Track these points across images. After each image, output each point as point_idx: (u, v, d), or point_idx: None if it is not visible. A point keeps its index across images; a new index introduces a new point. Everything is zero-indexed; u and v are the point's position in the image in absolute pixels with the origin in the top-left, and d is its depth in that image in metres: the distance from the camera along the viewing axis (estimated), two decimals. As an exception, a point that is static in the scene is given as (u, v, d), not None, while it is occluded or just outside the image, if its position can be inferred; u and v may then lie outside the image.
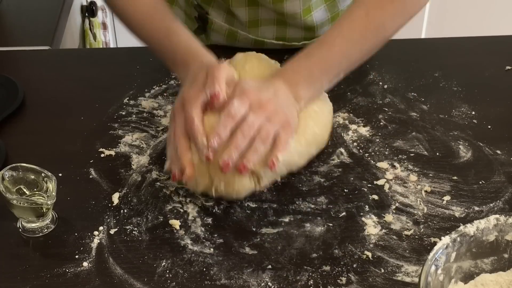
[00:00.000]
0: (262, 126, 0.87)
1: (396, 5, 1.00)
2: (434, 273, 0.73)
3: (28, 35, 1.58)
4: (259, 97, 0.89)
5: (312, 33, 1.20)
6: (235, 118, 0.87)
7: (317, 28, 1.19)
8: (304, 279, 0.82)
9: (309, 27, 1.18)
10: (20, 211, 0.87)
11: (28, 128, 1.07)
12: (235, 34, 1.20)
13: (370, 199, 0.93)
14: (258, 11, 1.16)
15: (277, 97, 0.90)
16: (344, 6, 1.20)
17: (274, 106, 0.89)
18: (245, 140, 0.86)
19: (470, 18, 2.51)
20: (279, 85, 0.92)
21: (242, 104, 0.87)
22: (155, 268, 0.84)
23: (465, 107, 1.09)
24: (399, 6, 1.00)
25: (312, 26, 1.18)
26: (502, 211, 0.91)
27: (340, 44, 0.97)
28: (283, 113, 0.89)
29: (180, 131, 0.89)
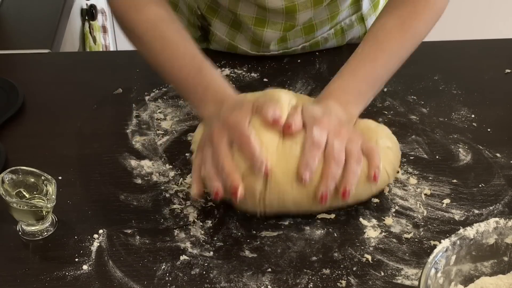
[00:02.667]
0: (350, 148, 0.86)
1: (428, 12, 1.03)
2: (434, 276, 0.73)
3: (28, 38, 1.58)
4: (333, 123, 0.87)
5: (312, 35, 1.20)
6: (321, 147, 0.85)
7: (316, 29, 1.19)
8: (304, 282, 0.82)
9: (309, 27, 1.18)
10: (20, 214, 0.87)
11: (28, 131, 1.07)
12: (235, 48, 1.20)
13: (370, 202, 0.93)
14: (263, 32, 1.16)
15: (340, 119, 0.90)
16: (345, 6, 1.19)
17: (347, 128, 0.89)
18: (339, 168, 0.85)
19: (469, 21, 2.51)
20: (334, 106, 0.91)
21: (322, 131, 0.86)
22: (155, 271, 0.84)
23: (464, 110, 1.09)
24: (431, 13, 1.04)
25: (311, 26, 1.18)
26: (502, 214, 0.91)
27: (382, 57, 0.99)
28: (355, 133, 0.89)
29: (224, 150, 0.85)
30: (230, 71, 1.17)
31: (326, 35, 1.21)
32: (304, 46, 1.20)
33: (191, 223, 0.90)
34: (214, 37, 1.21)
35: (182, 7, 1.25)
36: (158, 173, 0.98)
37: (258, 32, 1.16)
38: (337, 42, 1.23)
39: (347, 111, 0.92)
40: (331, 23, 1.20)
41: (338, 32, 1.22)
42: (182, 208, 0.92)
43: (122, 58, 1.28)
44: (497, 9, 2.49)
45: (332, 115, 0.89)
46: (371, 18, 1.24)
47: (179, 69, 0.99)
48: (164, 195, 0.94)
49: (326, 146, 0.86)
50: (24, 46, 1.54)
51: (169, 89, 1.14)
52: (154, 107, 1.10)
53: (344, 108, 0.92)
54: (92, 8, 2.02)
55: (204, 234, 0.89)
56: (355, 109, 0.95)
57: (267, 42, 1.18)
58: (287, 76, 1.17)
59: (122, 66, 1.21)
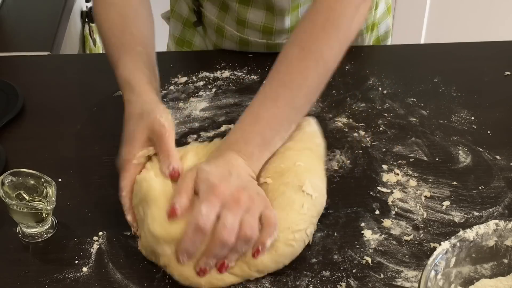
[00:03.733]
0: (243, 222, 0.78)
1: (328, 30, 0.91)
2: (434, 278, 0.73)
3: (28, 41, 1.58)
4: (229, 192, 0.79)
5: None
6: (205, 231, 0.77)
7: None
8: (303, 284, 0.82)
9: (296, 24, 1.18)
10: (19, 216, 0.86)
11: (28, 133, 1.07)
12: (222, 30, 1.21)
13: (370, 204, 0.93)
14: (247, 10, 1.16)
15: (243, 181, 0.82)
16: None
17: (247, 193, 0.80)
18: (225, 248, 0.78)
19: (469, 23, 2.51)
20: (236, 163, 0.84)
21: (212, 208, 0.78)
22: (155, 274, 0.84)
23: (464, 113, 1.09)
24: (332, 31, 0.92)
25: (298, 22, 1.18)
26: (501, 216, 0.91)
27: (285, 95, 0.89)
28: (257, 196, 0.81)
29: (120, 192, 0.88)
30: (230, 73, 1.18)
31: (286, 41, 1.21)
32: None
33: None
34: (205, 19, 1.22)
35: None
36: (158, 175, 0.98)
37: (243, 10, 1.16)
38: None
39: (251, 165, 0.85)
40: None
41: None
42: (182, 210, 0.92)
43: (122, 60, 1.28)
44: (497, 12, 2.50)
45: (231, 177, 0.81)
46: None
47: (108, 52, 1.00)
48: (164, 197, 0.94)
49: (218, 221, 0.78)
50: (24, 48, 1.54)
51: (168, 91, 1.14)
52: (154, 109, 1.10)
53: (248, 162, 0.85)
54: (92, 10, 2.02)
55: (204, 236, 0.88)
56: (260, 160, 0.87)
57: (251, 22, 1.18)
58: (287, 78, 1.17)
59: (122, 68, 1.21)
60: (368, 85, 1.15)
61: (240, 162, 0.84)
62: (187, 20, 1.27)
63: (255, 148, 0.86)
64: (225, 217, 0.78)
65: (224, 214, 0.78)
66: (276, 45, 1.21)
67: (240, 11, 1.17)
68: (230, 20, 1.20)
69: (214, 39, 1.24)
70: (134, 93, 0.92)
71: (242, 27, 1.19)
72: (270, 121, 0.88)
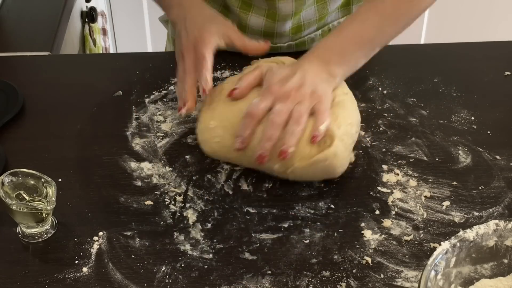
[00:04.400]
0: (293, 109, 0.87)
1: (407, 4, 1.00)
2: (434, 278, 0.73)
3: (28, 41, 1.58)
4: (284, 90, 0.88)
5: (299, 35, 1.20)
6: (255, 117, 0.88)
7: (304, 28, 1.19)
8: (303, 284, 0.82)
9: (297, 27, 1.19)
10: (19, 216, 0.87)
11: (28, 133, 1.07)
12: None
13: (370, 204, 0.93)
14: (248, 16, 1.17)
15: (304, 81, 0.89)
16: (334, 8, 1.20)
17: (302, 91, 0.88)
18: (276, 129, 0.87)
19: (469, 24, 2.51)
20: (309, 66, 0.91)
21: (262, 101, 0.89)
22: (155, 274, 0.84)
23: (464, 113, 1.09)
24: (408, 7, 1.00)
25: (299, 26, 1.18)
26: (501, 216, 0.91)
27: (373, 18, 0.96)
28: (313, 93, 0.89)
29: (190, 68, 0.95)
30: (230, 73, 1.17)
31: (313, 36, 1.21)
32: (290, 44, 1.21)
33: (191, 225, 0.90)
34: None
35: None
36: (158, 175, 0.98)
37: (243, 16, 1.17)
38: None
39: (327, 69, 0.91)
40: (318, 24, 1.20)
41: (325, 33, 1.22)
42: (182, 210, 0.92)
43: (122, 60, 1.28)
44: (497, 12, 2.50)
45: (294, 77, 0.89)
46: None
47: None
48: (164, 197, 0.94)
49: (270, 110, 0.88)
50: (24, 49, 1.54)
51: (168, 91, 1.14)
52: (154, 109, 1.10)
53: (324, 67, 0.91)
54: (92, 10, 2.02)
55: (204, 236, 0.89)
56: (337, 68, 0.93)
57: (252, 27, 1.18)
58: (287, 78, 1.17)
59: (122, 69, 1.21)
60: (368, 85, 1.15)
61: (313, 65, 0.90)
62: None
63: (333, 56, 0.93)
64: (274, 106, 0.88)
65: (274, 104, 0.88)
66: (277, 48, 1.21)
67: (241, 16, 1.17)
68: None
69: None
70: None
71: (243, 32, 1.19)
72: (354, 36, 0.95)
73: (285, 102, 0.88)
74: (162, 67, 1.20)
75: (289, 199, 0.94)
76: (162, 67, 1.05)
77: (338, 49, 0.94)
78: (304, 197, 0.94)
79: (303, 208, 0.93)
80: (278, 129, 0.87)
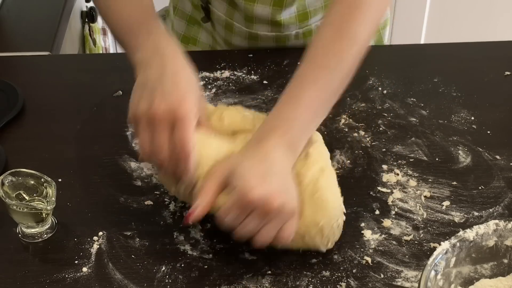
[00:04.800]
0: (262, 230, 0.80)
1: (361, 10, 0.91)
2: (434, 278, 0.73)
3: (28, 41, 1.58)
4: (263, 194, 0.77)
5: (305, 23, 1.20)
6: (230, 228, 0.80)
7: (310, 16, 1.20)
8: (303, 284, 0.82)
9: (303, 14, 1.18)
10: (19, 216, 0.87)
11: (28, 133, 1.07)
12: (232, 26, 1.21)
13: (370, 204, 0.93)
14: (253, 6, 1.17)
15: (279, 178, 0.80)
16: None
17: (279, 200, 0.78)
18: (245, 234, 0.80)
19: (469, 24, 2.51)
20: (275, 154, 0.82)
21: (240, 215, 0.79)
22: (155, 274, 0.84)
23: (464, 113, 1.09)
24: (365, 11, 0.91)
25: (305, 13, 1.18)
26: (501, 216, 0.91)
27: (322, 77, 0.88)
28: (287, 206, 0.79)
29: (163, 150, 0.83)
30: (230, 73, 1.17)
31: (319, 23, 1.21)
32: (298, 32, 1.21)
33: (191, 225, 0.90)
34: (214, 15, 1.23)
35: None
36: (158, 175, 0.98)
37: (249, 7, 1.17)
38: None
39: (290, 155, 0.84)
40: (324, 11, 1.20)
41: None
42: (182, 210, 0.92)
43: (122, 60, 1.27)
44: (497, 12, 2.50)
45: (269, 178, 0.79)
46: None
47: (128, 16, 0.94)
48: (164, 197, 0.94)
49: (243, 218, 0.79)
50: (24, 49, 1.54)
51: (169, 91, 1.14)
52: (154, 109, 1.10)
53: (287, 153, 0.83)
54: (92, 10, 2.02)
55: (203, 236, 0.89)
56: (299, 147, 0.85)
57: (259, 17, 1.18)
58: (287, 78, 1.16)
59: (122, 68, 1.21)
60: (368, 85, 1.15)
61: (280, 155, 0.82)
62: (191, 17, 1.27)
63: (295, 135, 0.85)
64: (248, 223, 0.79)
65: (249, 219, 0.79)
66: (285, 38, 1.21)
67: (246, 8, 1.17)
68: (238, 16, 1.20)
69: (223, 35, 1.24)
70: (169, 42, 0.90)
71: (250, 23, 1.19)
72: (310, 105, 0.86)
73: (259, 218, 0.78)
74: (162, 67, 1.20)
75: (289, 199, 0.94)
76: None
77: (298, 125, 0.85)
78: (304, 197, 0.94)
79: (303, 208, 0.92)
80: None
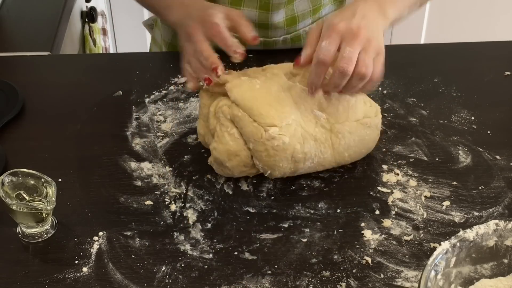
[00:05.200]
0: (360, 59, 0.86)
1: None
2: (434, 278, 0.73)
3: (28, 41, 1.58)
4: (349, 26, 0.86)
5: (293, 27, 1.20)
6: (327, 64, 0.86)
7: (298, 20, 1.19)
8: (303, 284, 0.82)
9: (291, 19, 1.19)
10: (19, 216, 0.87)
11: (28, 133, 1.07)
12: None
13: (370, 204, 0.93)
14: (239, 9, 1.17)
15: (367, 21, 0.88)
16: (327, 1, 1.20)
17: (366, 32, 0.87)
18: (344, 79, 0.87)
19: (469, 23, 2.51)
20: (367, 6, 0.90)
21: (331, 43, 0.86)
22: (155, 274, 0.84)
23: (464, 113, 1.09)
24: None
25: (293, 17, 1.18)
26: (501, 216, 0.91)
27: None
28: (375, 40, 0.88)
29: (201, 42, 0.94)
30: (230, 73, 1.17)
31: (308, 29, 1.21)
32: (286, 38, 1.21)
33: (191, 225, 0.90)
34: None
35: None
36: (158, 175, 0.98)
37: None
38: None
39: (383, 10, 0.92)
40: (313, 17, 1.21)
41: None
42: (182, 210, 0.92)
43: (122, 60, 1.28)
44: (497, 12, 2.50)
45: (354, 17, 0.88)
46: None
47: None
48: (164, 197, 0.94)
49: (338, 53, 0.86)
50: (24, 49, 1.54)
51: (168, 91, 1.14)
52: (154, 109, 1.10)
53: (380, 7, 0.91)
54: (92, 10, 2.02)
55: (204, 236, 0.89)
56: (391, 12, 0.93)
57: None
58: (287, 78, 1.17)
59: (122, 69, 1.21)
60: (368, 85, 1.15)
61: (371, 7, 0.90)
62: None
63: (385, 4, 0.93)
64: (343, 49, 0.86)
65: (343, 46, 0.86)
66: (273, 43, 1.21)
67: None
68: None
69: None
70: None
71: None
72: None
73: (351, 44, 0.86)
74: (162, 67, 1.20)
75: (289, 199, 0.94)
76: (162, 67, 1.05)
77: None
78: (304, 197, 0.94)
79: (303, 208, 0.93)
80: (345, 79, 0.87)
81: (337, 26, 0.87)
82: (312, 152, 0.92)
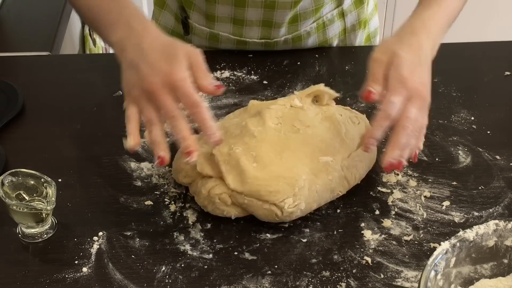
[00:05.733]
0: (418, 117, 0.85)
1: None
2: (434, 278, 0.73)
3: (28, 41, 1.58)
4: (416, 84, 0.85)
5: (295, 26, 1.20)
6: (392, 119, 0.84)
7: (300, 19, 1.19)
8: (303, 284, 0.82)
9: (293, 17, 1.19)
10: (19, 216, 0.87)
11: (28, 133, 1.07)
12: (217, 36, 1.21)
13: (370, 204, 0.93)
14: (244, 11, 1.16)
15: (427, 70, 0.88)
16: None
17: (427, 89, 0.87)
18: (409, 138, 0.85)
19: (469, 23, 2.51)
20: (426, 46, 0.90)
21: (400, 101, 0.84)
22: (155, 274, 0.84)
23: (464, 113, 1.09)
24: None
25: (295, 16, 1.18)
26: (501, 216, 0.91)
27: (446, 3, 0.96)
28: (428, 95, 0.87)
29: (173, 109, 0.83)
30: (230, 73, 1.17)
31: (308, 29, 1.21)
32: (287, 38, 1.21)
33: (191, 225, 0.90)
34: (194, 30, 1.22)
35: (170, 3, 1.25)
36: (157, 175, 0.98)
37: (240, 10, 1.16)
38: (318, 38, 1.24)
39: (434, 45, 0.91)
40: (314, 16, 1.20)
41: (320, 27, 1.22)
42: (182, 211, 0.92)
43: (122, 60, 1.28)
44: (497, 12, 2.50)
45: (421, 69, 0.87)
46: (351, 14, 1.25)
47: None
48: (164, 197, 0.94)
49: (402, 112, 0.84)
50: (24, 49, 1.54)
51: (169, 91, 1.14)
52: (154, 109, 1.10)
53: (432, 47, 0.91)
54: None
55: (203, 236, 0.89)
56: (435, 48, 0.93)
57: (250, 19, 1.18)
58: (287, 78, 1.17)
59: (122, 69, 1.21)
60: (368, 85, 1.15)
61: (428, 47, 0.90)
62: (173, 31, 1.26)
63: (436, 37, 0.93)
64: (409, 110, 0.84)
65: (409, 106, 0.84)
66: (274, 44, 1.21)
67: (237, 12, 1.17)
68: (223, 24, 1.20)
69: (207, 45, 1.23)
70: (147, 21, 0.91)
71: (240, 25, 1.19)
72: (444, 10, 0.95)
73: (415, 104, 0.84)
74: (162, 67, 1.20)
75: (289, 199, 0.94)
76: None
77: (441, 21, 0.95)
78: (304, 197, 0.94)
79: (303, 208, 0.92)
80: (407, 138, 0.84)
81: (408, 82, 0.85)
82: (327, 199, 0.91)
